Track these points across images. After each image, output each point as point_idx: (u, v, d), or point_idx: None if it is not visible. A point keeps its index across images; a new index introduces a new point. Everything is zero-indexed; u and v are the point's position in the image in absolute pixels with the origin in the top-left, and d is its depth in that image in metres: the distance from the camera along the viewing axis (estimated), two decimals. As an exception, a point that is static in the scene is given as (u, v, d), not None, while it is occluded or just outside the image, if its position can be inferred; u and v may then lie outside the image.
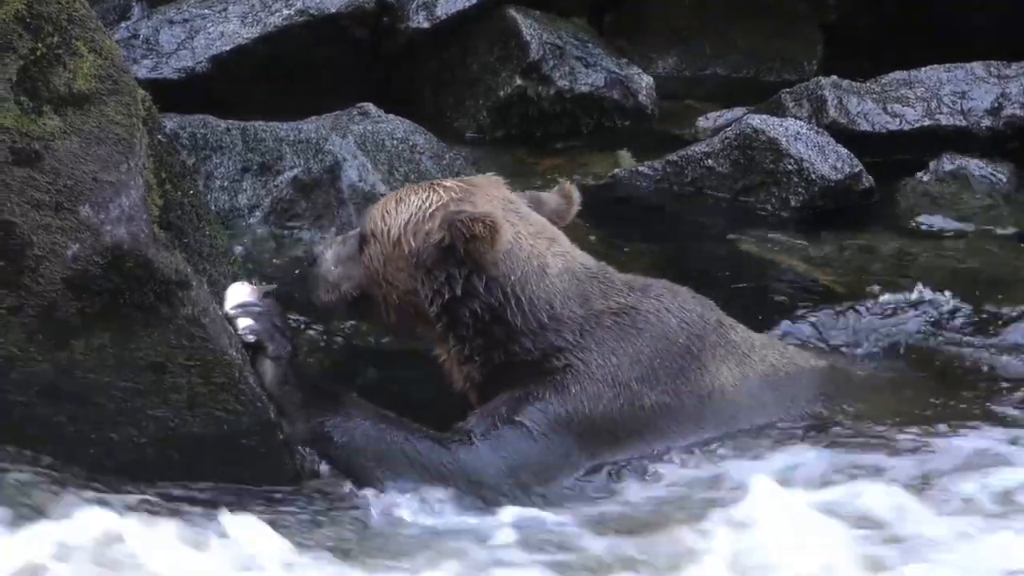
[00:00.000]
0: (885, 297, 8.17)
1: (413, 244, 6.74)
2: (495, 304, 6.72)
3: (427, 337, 6.95)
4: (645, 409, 6.68)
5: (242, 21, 10.30)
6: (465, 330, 6.75)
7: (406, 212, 6.79)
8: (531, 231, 6.84)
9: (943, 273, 8.80)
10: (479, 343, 6.76)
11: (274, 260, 8.62)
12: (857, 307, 8.06)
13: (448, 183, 6.88)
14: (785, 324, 7.91)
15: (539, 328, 6.73)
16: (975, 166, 10.07)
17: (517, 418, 6.58)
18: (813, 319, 7.96)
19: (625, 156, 10.45)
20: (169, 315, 6.22)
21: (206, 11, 10.34)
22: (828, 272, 8.92)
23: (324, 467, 6.59)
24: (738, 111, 10.74)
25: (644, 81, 10.99)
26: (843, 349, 7.69)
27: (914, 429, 6.94)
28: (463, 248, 6.65)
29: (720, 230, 9.48)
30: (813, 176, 9.59)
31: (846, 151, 9.71)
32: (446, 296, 6.72)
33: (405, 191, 6.92)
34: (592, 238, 9.04)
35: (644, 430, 6.67)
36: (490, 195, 6.87)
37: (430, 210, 6.76)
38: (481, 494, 6.47)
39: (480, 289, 6.71)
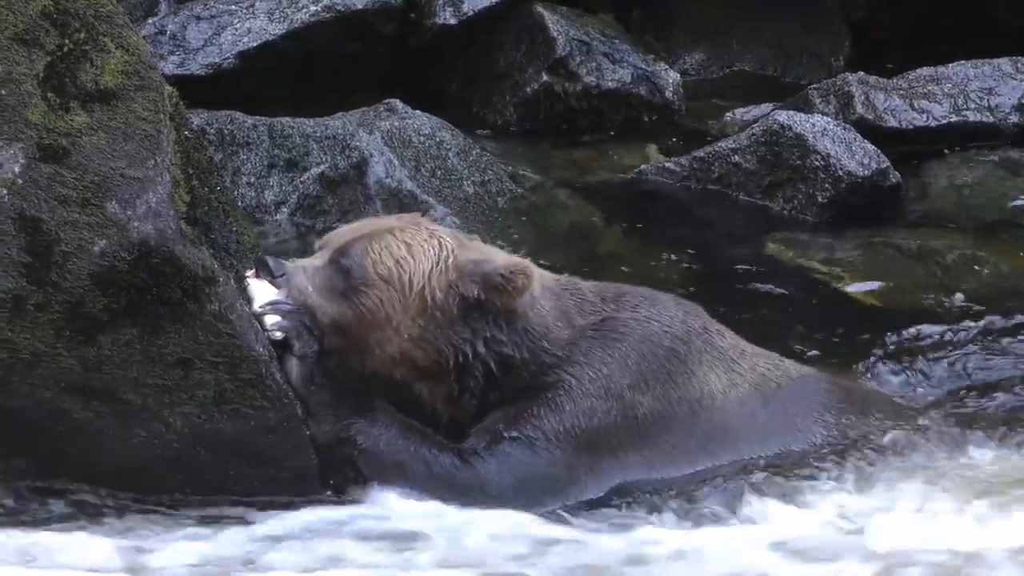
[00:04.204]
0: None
1: (439, 296, 6.50)
2: (511, 353, 6.58)
3: (401, 382, 6.61)
4: (639, 419, 6.59)
5: (269, 17, 10.32)
6: (473, 380, 6.57)
7: (426, 261, 6.52)
8: None
9: (976, 277, 8.77)
10: (482, 387, 6.59)
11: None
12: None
13: (441, 230, 6.64)
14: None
15: (539, 352, 6.59)
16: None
17: (515, 434, 6.51)
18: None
19: (653, 151, 10.44)
20: (196, 311, 6.23)
21: (233, 7, 10.37)
22: (856, 277, 8.87)
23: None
24: (765, 107, 10.73)
25: (671, 77, 10.97)
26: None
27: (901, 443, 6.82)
28: (499, 301, 6.50)
29: (747, 228, 9.45)
30: (840, 172, 9.56)
31: (873, 147, 9.69)
32: (467, 351, 6.53)
33: (401, 234, 6.57)
34: (618, 236, 9.02)
35: (639, 441, 6.58)
36: (460, 235, 6.70)
37: (448, 260, 6.51)
38: (499, 508, 6.41)
39: (502, 337, 6.55)
